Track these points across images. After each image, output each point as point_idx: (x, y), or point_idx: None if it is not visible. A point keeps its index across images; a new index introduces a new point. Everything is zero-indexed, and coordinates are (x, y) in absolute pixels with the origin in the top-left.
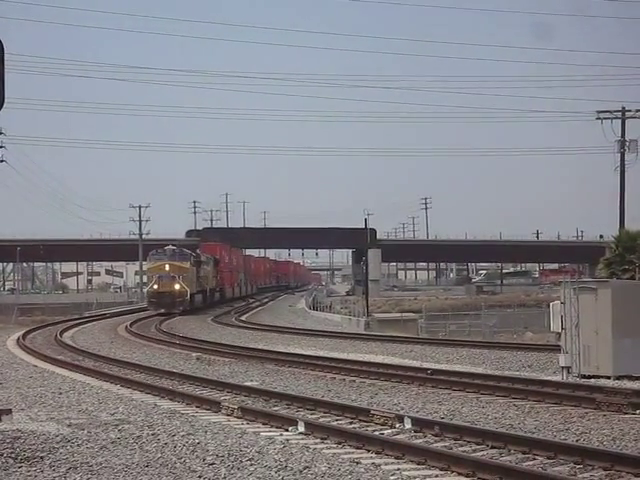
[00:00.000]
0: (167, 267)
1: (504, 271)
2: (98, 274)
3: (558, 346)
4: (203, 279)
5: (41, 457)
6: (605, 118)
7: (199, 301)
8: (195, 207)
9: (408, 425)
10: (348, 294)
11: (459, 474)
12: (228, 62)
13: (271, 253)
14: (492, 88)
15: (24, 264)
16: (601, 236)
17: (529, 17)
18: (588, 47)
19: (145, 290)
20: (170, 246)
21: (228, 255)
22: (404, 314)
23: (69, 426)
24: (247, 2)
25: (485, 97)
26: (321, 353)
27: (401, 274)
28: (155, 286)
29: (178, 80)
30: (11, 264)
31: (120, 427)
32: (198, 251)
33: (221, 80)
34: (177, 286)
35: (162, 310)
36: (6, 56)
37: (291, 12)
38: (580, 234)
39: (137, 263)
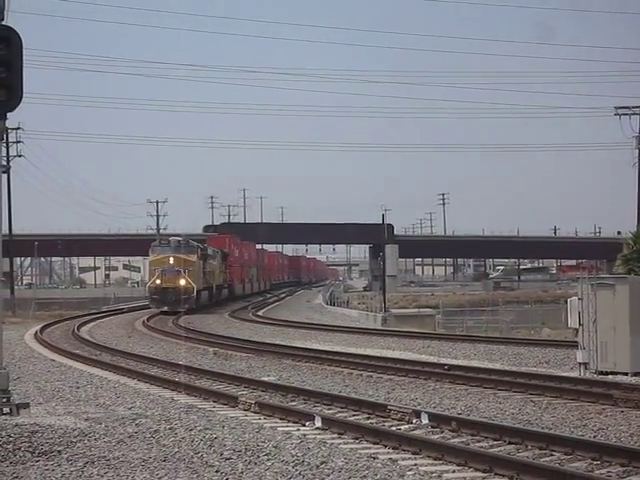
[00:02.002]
0: (171, 260)
1: (521, 267)
2: (116, 269)
3: (575, 342)
4: (209, 274)
5: (58, 451)
6: (624, 114)
7: (205, 298)
8: (212, 202)
9: (425, 421)
10: (365, 290)
11: (476, 470)
12: (246, 57)
13: (288, 249)
14: (511, 84)
15: (42, 259)
16: (619, 232)
17: (547, 13)
18: (608, 43)
19: (146, 286)
20: (175, 237)
21: (238, 249)
22: (421, 310)
23: (86, 420)
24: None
25: (503, 93)
26: (338, 348)
27: (418, 270)
28: (158, 281)
29: (197, 75)
30: (29, 259)
31: (137, 421)
32: (205, 244)
33: (241, 75)
34: (182, 281)
35: (165, 308)
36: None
37: (310, 8)
38: (598, 230)
39: None
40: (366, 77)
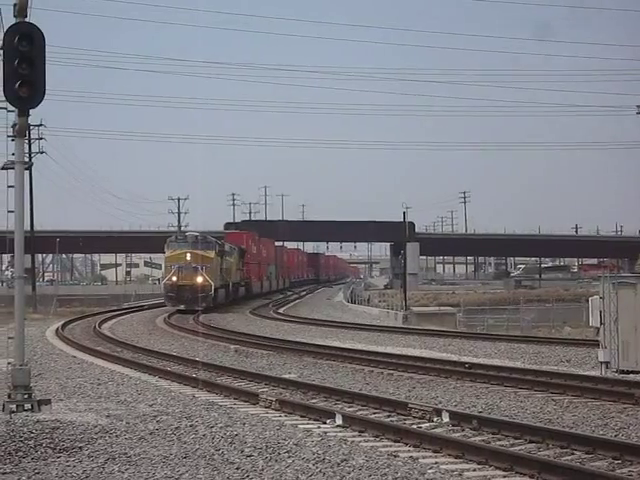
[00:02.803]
0: (188, 256)
1: (543, 265)
2: (137, 266)
3: (597, 341)
4: (226, 272)
5: (80, 447)
6: None
7: (222, 297)
8: (234, 200)
9: (446, 419)
10: (386, 287)
11: (497, 468)
12: (270, 55)
13: (309, 246)
14: (532, 82)
15: (63, 255)
16: None
17: (567, 11)
18: (630, 41)
19: (162, 283)
20: (192, 232)
21: (256, 245)
22: (442, 308)
23: (108, 417)
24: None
25: (524, 91)
26: (359, 346)
27: (439, 268)
28: (174, 278)
29: (217, 72)
30: (50, 255)
31: (158, 418)
32: (222, 241)
33: (264, 73)
34: (200, 279)
35: (181, 306)
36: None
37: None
38: (620, 229)
39: None
40: (389, 75)
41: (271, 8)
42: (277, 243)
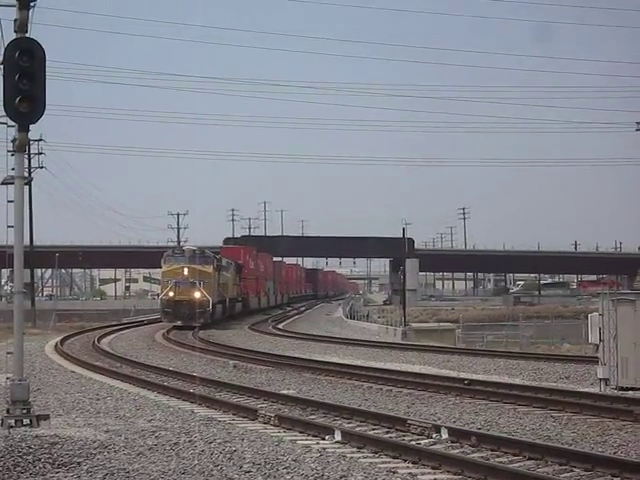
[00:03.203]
0: (186, 271)
1: (542, 282)
2: (136, 281)
3: (596, 358)
4: (222, 287)
5: (78, 463)
6: None
7: (219, 313)
8: (233, 215)
9: (445, 435)
10: (385, 303)
11: None
12: (268, 70)
13: (308, 262)
14: (531, 99)
15: (62, 270)
16: None
17: (569, 27)
18: (629, 58)
19: (159, 298)
20: (189, 246)
21: (254, 260)
22: (441, 324)
23: (106, 432)
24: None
25: (524, 107)
26: (358, 362)
27: (438, 284)
28: (171, 293)
29: (217, 88)
30: (50, 270)
31: (157, 434)
32: (219, 255)
33: (260, 88)
34: (197, 294)
35: (178, 322)
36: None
37: (326, 23)
38: (619, 246)
39: None
40: (389, 90)
41: (273, 23)
42: (276, 258)
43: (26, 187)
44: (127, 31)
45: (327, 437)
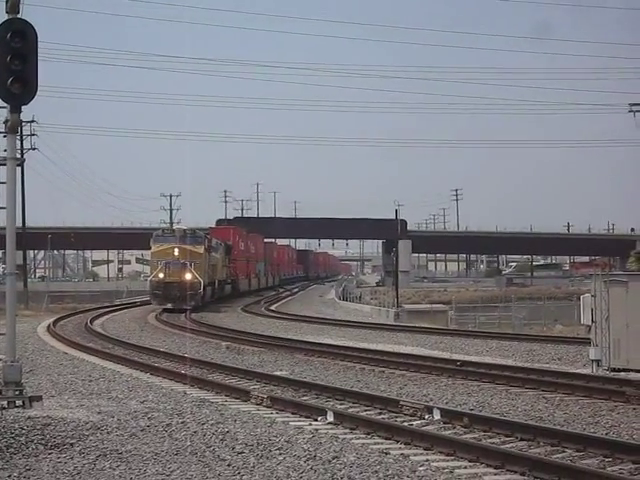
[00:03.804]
0: (176, 251)
1: (534, 263)
2: (129, 262)
3: (588, 339)
4: (212, 268)
5: (71, 444)
6: (637, 111)
7: (208, 295)
8: (226, 197)
9: (437, 416)
10: (378, 285)
11: (488, 465)
12: (263, 52)
13: (301, 243)
14: (524, 80)
15: (55, 252)
16: (632, 229)
17: (561, 9)
18: (623, 39)
19: (148, 280)
20: (179, 226)
21: (244, 241)
22: (434, 305)
23: (99, 413)
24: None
25: (516, 89)
26: (350, 343)
27: (431, 265)
28: (160, 275)
29: (210, 69)
30: (42, 251)
31: (150, 415)
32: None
33: (253, 70)
34: (188, 275)
35: (169, 305)
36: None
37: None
38: (611, 227)
39: None
40: (381, 72)
41: (268, 5)
42: (270, 240)
43: (18, 169)
44: (118, 12)
45: (320, 418)
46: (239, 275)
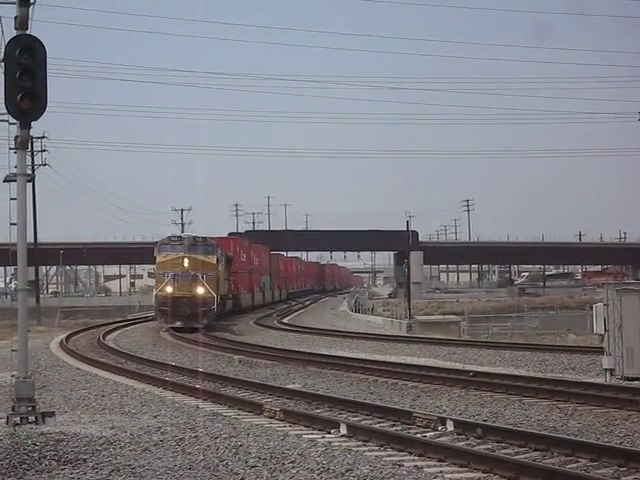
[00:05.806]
0: (186, 262)
1: (547, 273)
2: (141, 277)
3: (601, 348)
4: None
5: (84, 459)
6: None
7: (219, 311)
8: (237, 210)
9: (450, 427)
10: (390, 296)
11: (502, 477)
12: (272, 65)
13: (313, 256)
14: (534, 89)
15: (67, 267)
16: None
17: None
18: (633, 48)
19: (153, 294)
20: (189, 233)
21: (246, 253)
22: (446, 316)
23: (112, 428)
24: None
25: (527, 99)
26: (363, 355)
27: (443, 276)
28: (168, 289)
29: (221, 83)
30: (54, 267)
31: (162, 429)
32: None
33: (264, 83)
34: (200, 290)
35: (177, 324)
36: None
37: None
38: (623, 236)
39: None
40: (390, 83)
41: (272, 17)
42: (281, 252)
43: (29, 184)
44: (126, 27)
45: (333, 431)
46: (240, 289)
